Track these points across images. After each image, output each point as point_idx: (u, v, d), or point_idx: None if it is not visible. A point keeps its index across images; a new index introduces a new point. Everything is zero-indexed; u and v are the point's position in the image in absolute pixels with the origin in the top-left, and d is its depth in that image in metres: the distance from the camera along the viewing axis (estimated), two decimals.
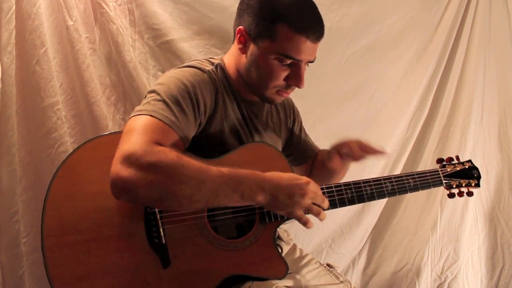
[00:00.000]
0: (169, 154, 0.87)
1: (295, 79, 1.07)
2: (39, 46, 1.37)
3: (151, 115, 0.93)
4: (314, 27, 1.04)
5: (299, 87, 1.09)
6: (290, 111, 1.35)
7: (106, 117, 1.49)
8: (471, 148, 2.09)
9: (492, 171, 2.12)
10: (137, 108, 0.97)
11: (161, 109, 0.95)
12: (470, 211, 2.12)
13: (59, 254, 0.90)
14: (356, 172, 1.93)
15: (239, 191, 0.91)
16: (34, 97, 1.39)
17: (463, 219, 2.11)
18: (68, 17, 1.43)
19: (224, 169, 0.91)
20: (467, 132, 2.08)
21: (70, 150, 0.97)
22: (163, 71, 1.56)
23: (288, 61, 1.05)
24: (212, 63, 1.12)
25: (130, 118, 0.95)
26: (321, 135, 1.87)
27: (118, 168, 0.84)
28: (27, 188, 1.39)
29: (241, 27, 1.07)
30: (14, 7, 1.33)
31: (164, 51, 1.61)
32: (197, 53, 1.62)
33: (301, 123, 1.40)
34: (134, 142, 0.87)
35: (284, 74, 1.06)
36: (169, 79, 1.02)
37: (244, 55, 1.09)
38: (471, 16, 2.03)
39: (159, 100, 0.96)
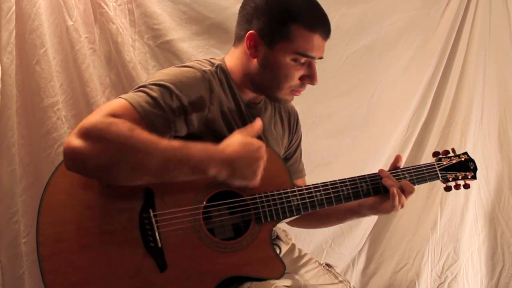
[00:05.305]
0: (120, 125, 0.86)
1: (309, 76, 1.10)
2: (39, 46, 1.37)
3: (120, 97, 0.95)
4: (324, 24, 1.07)
5: (313, 84, 1.11)
6: (295, 122, 1.34)
7: None
8: (471, 148, 2.08)
9: (492, 171, 2.12)
10: None
11: (135, 94, 0.96)
12: (470, 211, 2.11)
13: (55, 261, 0.89)
14: (356, 172, 1.94)
15: (189, 163, 0.89)
16: (34, 97, 1.39)
17: (463, 219, 2.10)
18: (68, 17, 1.43)
19: (175, 142, 0.90)
20: (467, 132, 2.08)
21: None
22: None
23: (303, 60, 1.07)
24: (212, 64, 1.12)
25: None
26: (321, 134, 1.88)
27: (70, 138, 0.85)
28: (27, 188, 1.39)
29: (252, 31, 1.07)
30: (14, 7, 1.33)
31: (164, 51, 1.61)
32: (197, 53, 1.62)
33: (300, 139, 1.38)
34: (92, 116, 0.88)
35: (299, 73, 1.08)
36: (161, 75, 1.03)
37: (255, 59, 1.09)
38: (471, 16, 2.03)
39: (138, 88, 0.98)
